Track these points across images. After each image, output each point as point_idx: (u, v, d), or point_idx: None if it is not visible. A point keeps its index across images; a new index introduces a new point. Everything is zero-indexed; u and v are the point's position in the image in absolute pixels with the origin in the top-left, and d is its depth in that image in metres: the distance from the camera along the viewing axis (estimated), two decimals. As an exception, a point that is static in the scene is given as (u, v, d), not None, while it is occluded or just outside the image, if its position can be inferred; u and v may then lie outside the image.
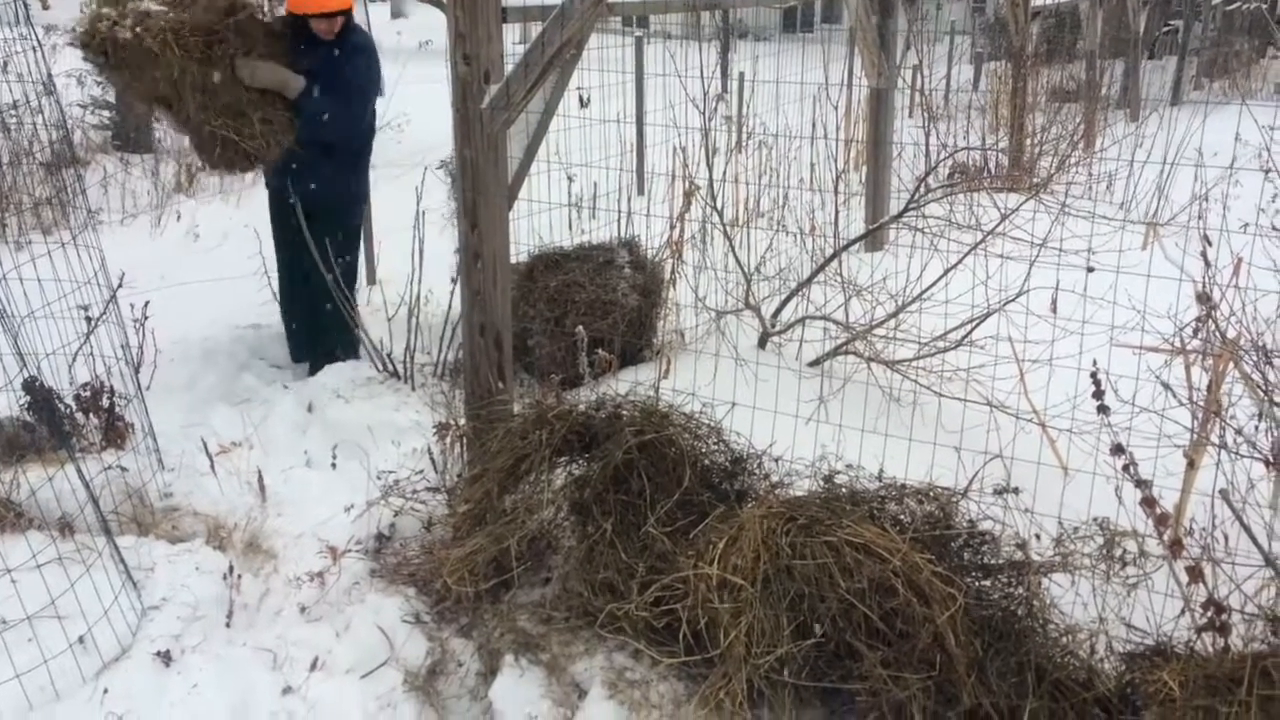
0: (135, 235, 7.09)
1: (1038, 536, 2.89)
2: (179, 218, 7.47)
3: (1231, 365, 3.18)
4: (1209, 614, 2.59)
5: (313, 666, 3.01)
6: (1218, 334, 3.23)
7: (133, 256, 6.48)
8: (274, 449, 4.27)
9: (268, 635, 3.14)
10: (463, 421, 3.90)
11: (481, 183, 3.60)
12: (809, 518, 2.85)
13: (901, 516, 2.95)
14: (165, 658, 2.92)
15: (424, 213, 4.82)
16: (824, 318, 4.73)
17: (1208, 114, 4.44)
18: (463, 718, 3.01)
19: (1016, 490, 2.97)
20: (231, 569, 3.36)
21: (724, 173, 5.47)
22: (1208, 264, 3.25)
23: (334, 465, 4.09)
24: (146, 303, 4.80)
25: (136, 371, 4.28)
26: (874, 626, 2.69)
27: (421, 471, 3.90)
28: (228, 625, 3.21)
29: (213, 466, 3.97)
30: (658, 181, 6.76)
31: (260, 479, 3.92)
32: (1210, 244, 3.29)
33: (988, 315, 4.16)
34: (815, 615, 2.72)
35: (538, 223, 4.64)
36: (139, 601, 3.11)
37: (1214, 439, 3.17)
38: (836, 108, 6.91)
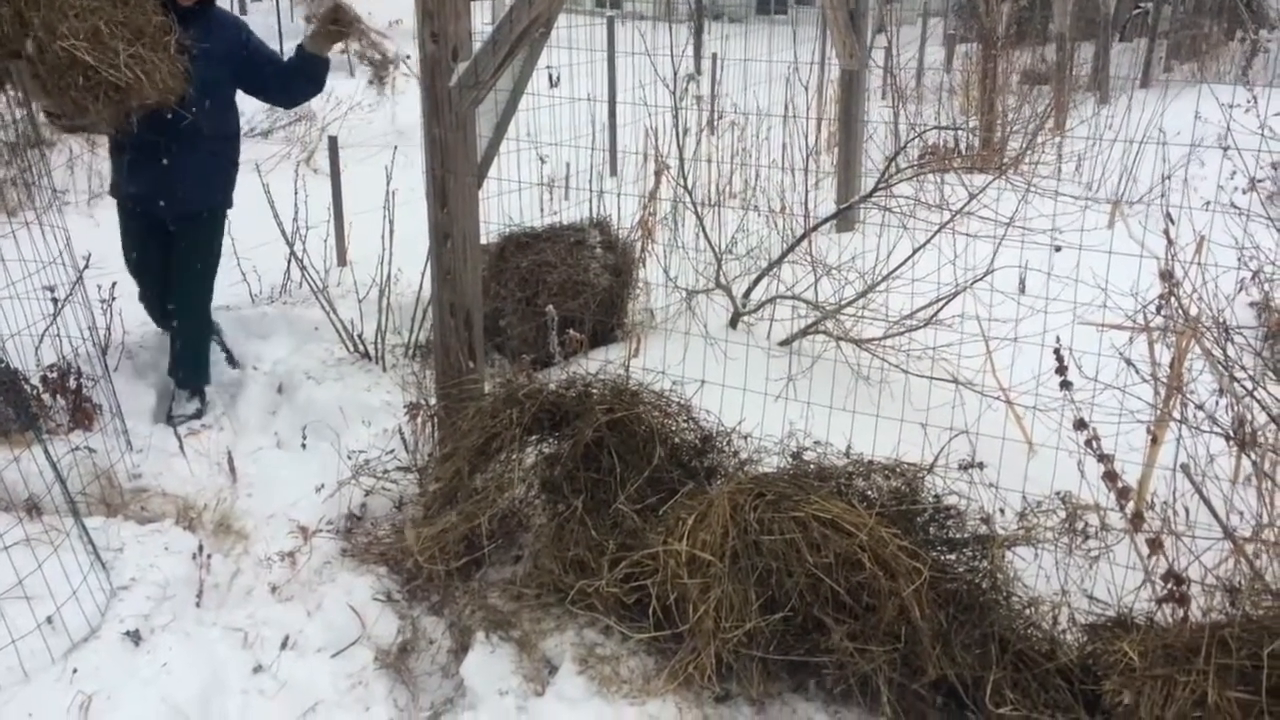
0: (102, 216, 7.01)
1: (1002, 511, 2.93)
2: (146, 199, 7.39)
3: (1193, 342, 3.22)
4: (1169, 585, 2.64)
5: (284, 645, 3.02)
6: (1180, 311, 3.27)
7: (99, 237, 6.42)
8: (244, 430, 4.26)
9: (238, 614, 3.14)
10: (434, 401, 3.90)
11: (451, 161, 3.59)
12: (777, 494, 2.87)
13: (868, 492, 2.99)
14: (135, 637, 2.92)
15: (394, 193, 4.80)
16: (794, 297, 4.75)
17: (1172, 95, 4.49)
18: (434, 695, 3.02)
19: (981, 465, 3.01)
20: (201, 549, 3.35)
21: (695, 153, 5.48)
22: (1170, 242, 3.29)
23: (304, 446, 4.09)
24: (114, 284, 4.75)
25: (104, 353, 4.26)
26: (841, 600, 2.72)
27: (392, 451, 3.90)
28: (198, 605, 3.21)
29: (181, 447, 3.95)
30: (629, 161, 6.75)
31: (230, 460, 3.91)
32: (1173, 222, 3.33)
33: (955, 294, 4.19)
34: (783, 590, 2.75)
35: (508, 203, 4.63)
36: (108, 582, 3.10)
37: (1175, 414, 3.22)
38: (807, 88, 6.91)
